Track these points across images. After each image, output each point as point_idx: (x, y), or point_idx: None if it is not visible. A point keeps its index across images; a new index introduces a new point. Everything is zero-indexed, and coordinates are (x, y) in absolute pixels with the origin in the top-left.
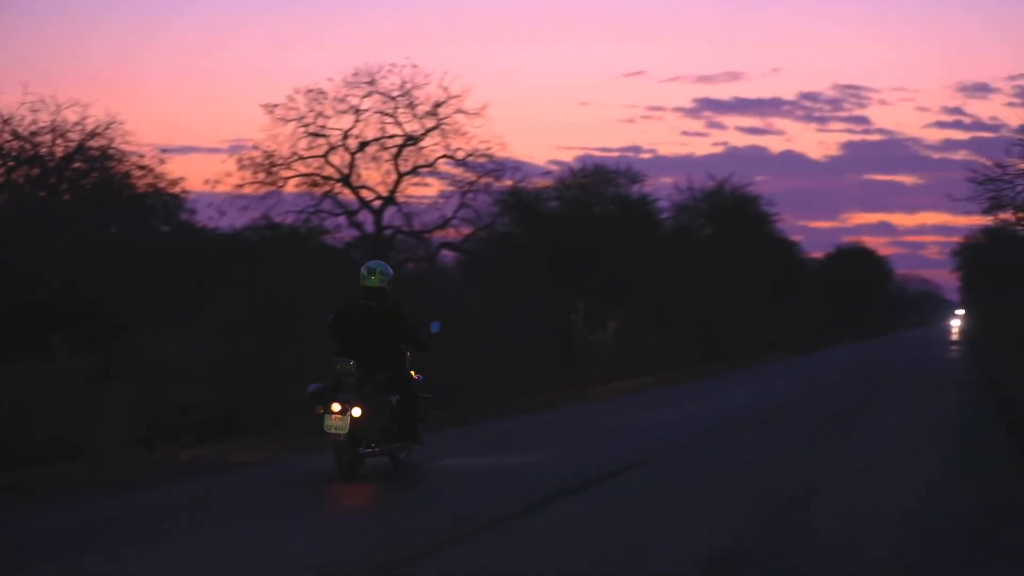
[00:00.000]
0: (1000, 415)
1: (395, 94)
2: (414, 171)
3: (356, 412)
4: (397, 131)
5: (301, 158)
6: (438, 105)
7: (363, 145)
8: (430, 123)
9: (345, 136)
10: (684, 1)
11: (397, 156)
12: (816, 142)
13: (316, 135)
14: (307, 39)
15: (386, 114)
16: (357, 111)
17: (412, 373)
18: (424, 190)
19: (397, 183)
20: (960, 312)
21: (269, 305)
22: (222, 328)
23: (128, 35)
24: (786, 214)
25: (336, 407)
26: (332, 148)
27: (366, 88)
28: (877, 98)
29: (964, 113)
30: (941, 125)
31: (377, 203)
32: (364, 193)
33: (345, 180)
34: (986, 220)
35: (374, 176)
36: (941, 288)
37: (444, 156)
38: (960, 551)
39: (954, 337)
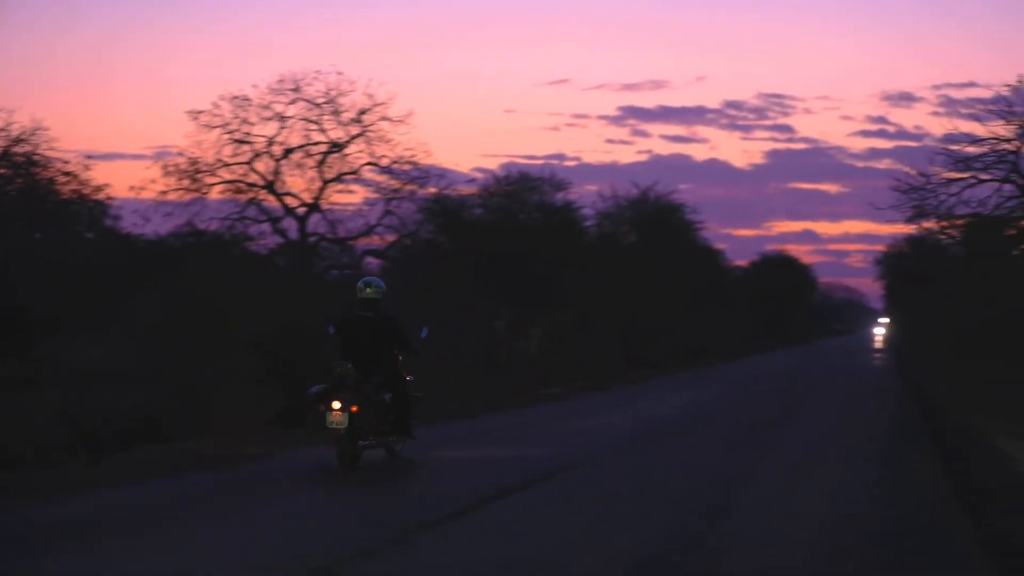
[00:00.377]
0: (924, 422)
1: (320, 101)
2: (338, 178)
3: (354, 409)
4: (322, 138)
5: (226, 165)
6: (363, 112)
7: (288, 152)
8: (355, 130)
9: (270, 143)
10: (608, 10)
11: (322, 163)
12: (741, 150)
13: (241, 142)
14: (233, 46)
15: (311, 121)
16: (282, 118)
17: (404, 375)
18: (349, 197)
19: (321, 190)
20: (884, 320)
21: (192, 311)
22: (145, 334)
23: (54, 42)
24: (710, 222)
25: (336, 405)
26: (257, 155)
27: (291, 95)
28: (802, 107)
29: (888, 122)
30: (865, 134)
31: (301, 210)
32: (288, 200)
33: (270, 187)
34: (910, 229)
35: (299, 183)
36: (865, 296)
37: (369, 163)
38: (880, 559)
39: (878, 345)
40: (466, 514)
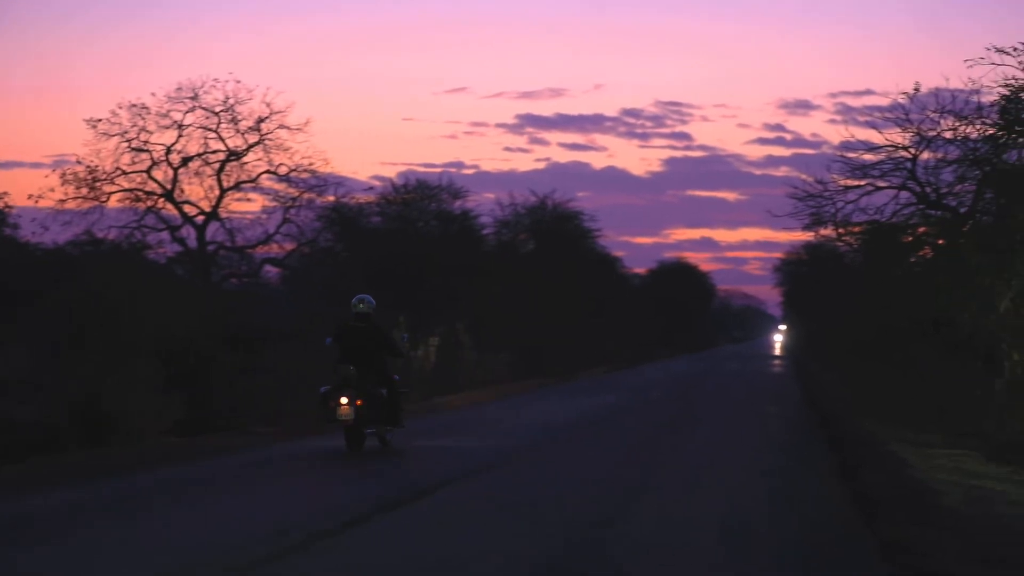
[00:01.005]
0: (821, 429)
1: (218, 109)
2: (237, 186)
3: (358, 403)
4: (220, 146)
5: (124, 173)
6: (261, 120)
7: (186, 160)
8: (253, 138)
9: (168, 151)
10: (506, 17)
11: (220, 171)
12: (638, 158)
13: (139, 150)
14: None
15: (209, 129)
16: (180, 126)
17: (393, 375)
18: (247, 205)
19: (220, 198)
20: (782, 327)
21: (90, 320)
22: (42, 343)
23: None
24: (609, 230)
25: (344, 400)
26: (155, 163)
27: (189, 103)
28: (699, 115)
29: (785, 130)
30: (763, 142)
31: (200, 218)
32: (187, 208)
33: (168, 195)
34: (807, 236)
35: (197, 191)
36: (764, 303)
37: (267, 172)
38: (778, 566)
39: (777, 352)
40: (357, 523)
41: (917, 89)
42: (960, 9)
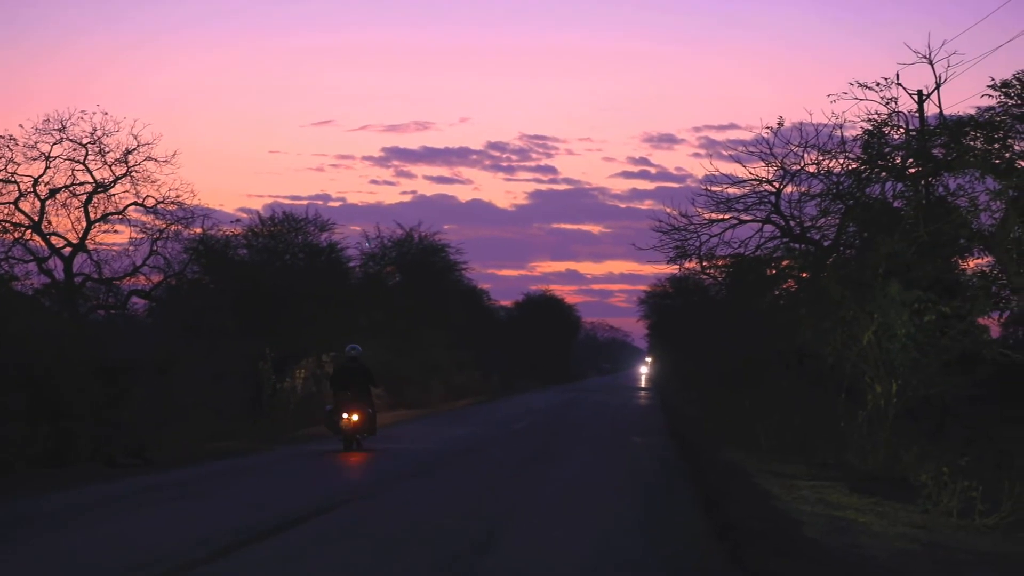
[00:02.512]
0: (686, 461)
1: (85, 141)
2: (104, 218)
3: (355, 417)
4: (87, 178)
5: None
6: (128, 152)
7: (53, 192)
8: (120, 170)
9: (35, 183)
10: (372, 50)
11: (87, 203)
12: (504, 191)
13: (6, 181)
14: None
15: (77, 161)
16: (48, 158)
17: (373, 400)
18: (114, 237)
19: (87, 230)
20: (648, 359)
21: None
22: None
23: None
24: (475, 262)
25: (345, 415)
26: (22, 195)
27: (57, 135)
28: (564, 148)
29: (650, 163)
30: (627, 175)
31: (67, 250)
32: (54, 240)
33: (35, 227)
34: (672, 269)
35: (65, 223)
36: (630, 335)
37: (134, 203)
38: None
39: (643, 383)
40: (226, 555)
41: (781, 124)
42: (824, 44)
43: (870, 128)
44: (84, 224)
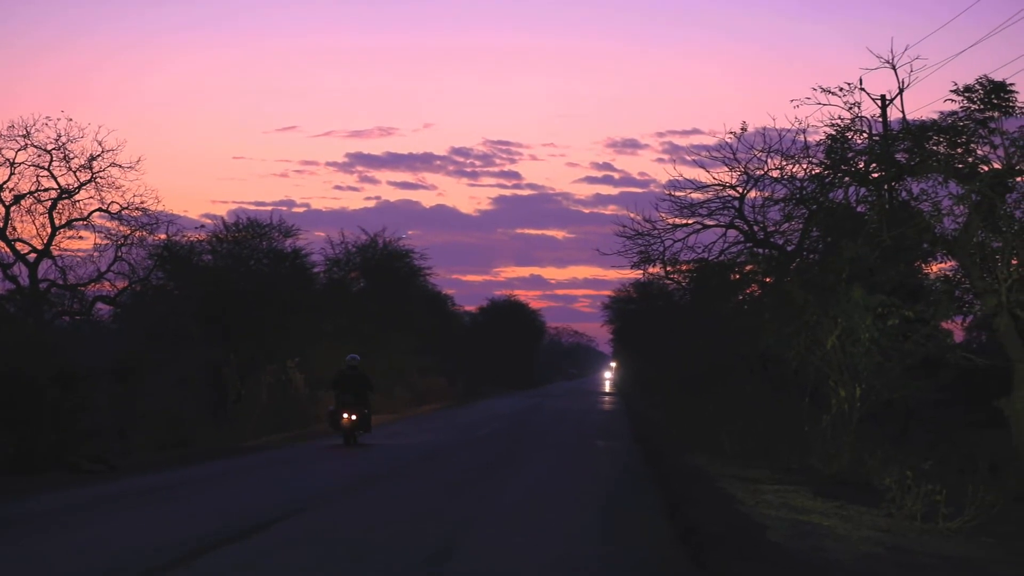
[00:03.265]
0: (650, 466)
1: (50, 147)
2: (69, 224)
3: (353, 417)
4: (52, 184)
5: None
6: (93, 159)
7: (18, 198)
8: (85, 176)
9: None
10: (335, 56)
11: (52, 209)
12: (468, 196)
13: None
14: None
15: (41, 167)
16: (12, 164)
17: (369, 402)
18: (79, 243)
19: (52, 236)
20: (613, 364)
21: None
22: None
23: None
24: (439, 268)
25: (346, 415)
26: None
27: (21, 141)
28: (528, 154)
29: (614, 168)
30: (591, 180)
31: (32, 256)
32: (19, 246)
33: (0, 233)
34: (636, 274)
35: (29, 229)
36: (594, 340)
37: (99, 210)
38: None
39: (607, 388)
40: (191, 561)
41: (744, 129)
42: (787, 49)
43: (833, 133)
44: (49, 230)
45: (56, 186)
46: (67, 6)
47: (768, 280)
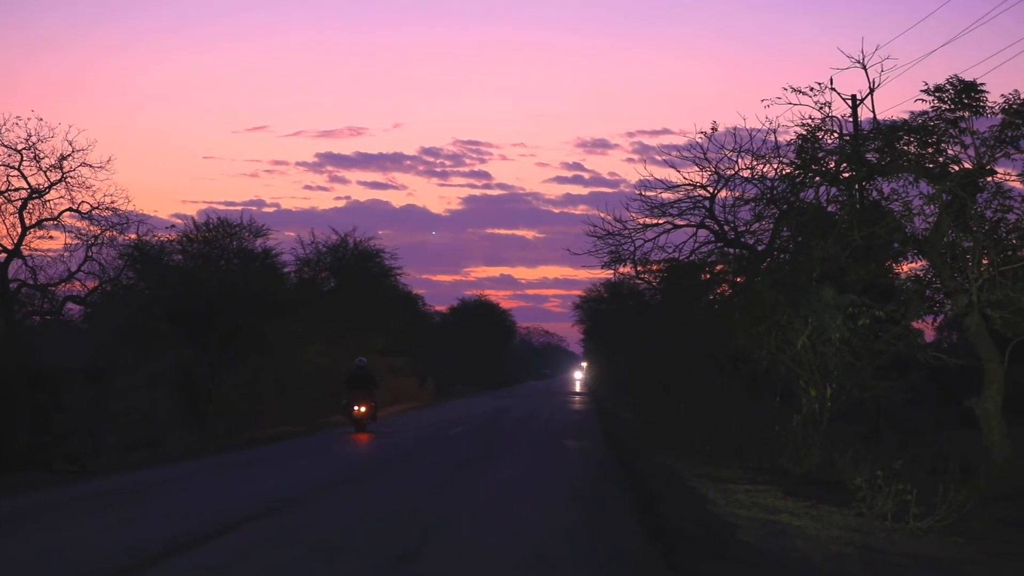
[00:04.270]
0: (621, 465)
1: (20, 147)
2: (39, 224)
3: (363, 409)
4: (22, 184)
5: None
6: (63, 158)
7: None
8: (55, 176)
9: None
10: (305, 56)
11: (22, 209)
12: (438, 196)
13: None
14: None
15: (11, 167)
16: None
17: (376, 396)
18: (49, 243)
19: (22, 236)
20: (584, 364)
21: None
22: None
23: None
24: (409, 268)
25: (357, 407)
26: None
27: None
28: (498, 153)
29: (584, 168)
30: (561, 180)
31: (2, 256)
32: None
33: None
34: (607, 274)
35: None
36: (565, 340)
37: (69, 209)
38: None
39: (578, 388)
40: (158, 563)
41: (715, 128)
42: (758, 49)
43: (804, 133)
44: (19, 230)
45: (26, 186)
46: (42, 12)
47: (739, 280)
